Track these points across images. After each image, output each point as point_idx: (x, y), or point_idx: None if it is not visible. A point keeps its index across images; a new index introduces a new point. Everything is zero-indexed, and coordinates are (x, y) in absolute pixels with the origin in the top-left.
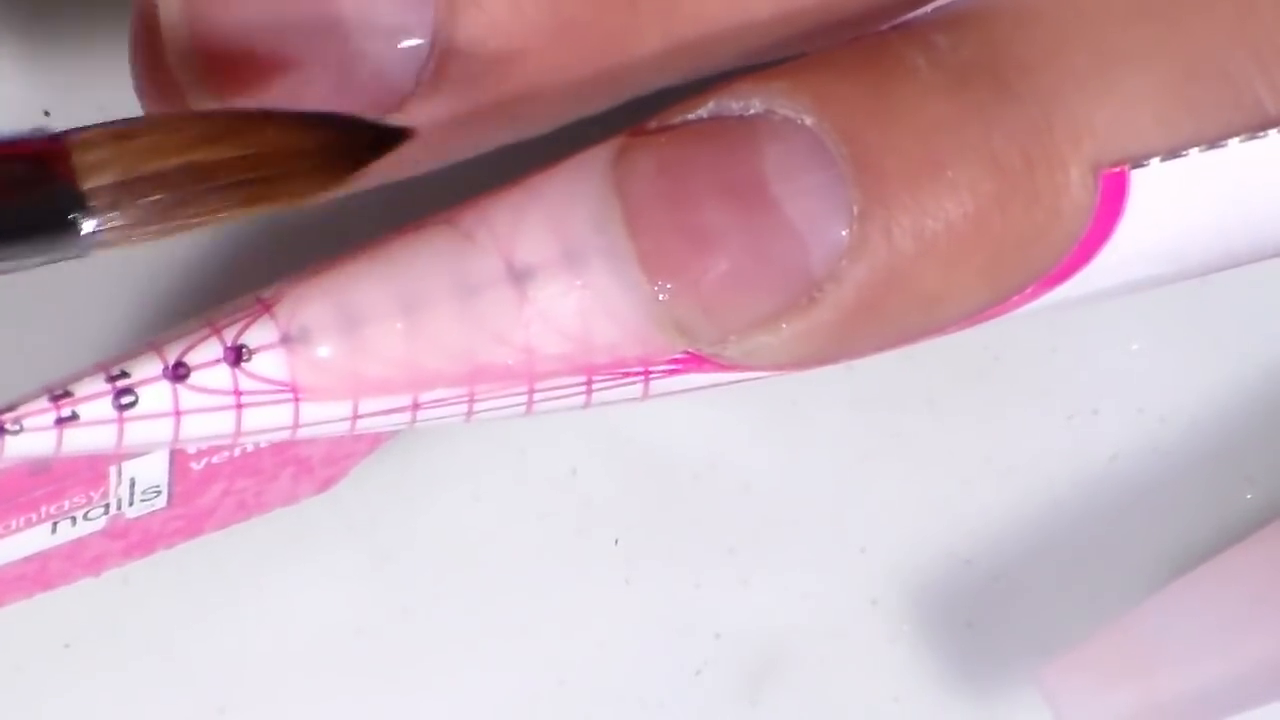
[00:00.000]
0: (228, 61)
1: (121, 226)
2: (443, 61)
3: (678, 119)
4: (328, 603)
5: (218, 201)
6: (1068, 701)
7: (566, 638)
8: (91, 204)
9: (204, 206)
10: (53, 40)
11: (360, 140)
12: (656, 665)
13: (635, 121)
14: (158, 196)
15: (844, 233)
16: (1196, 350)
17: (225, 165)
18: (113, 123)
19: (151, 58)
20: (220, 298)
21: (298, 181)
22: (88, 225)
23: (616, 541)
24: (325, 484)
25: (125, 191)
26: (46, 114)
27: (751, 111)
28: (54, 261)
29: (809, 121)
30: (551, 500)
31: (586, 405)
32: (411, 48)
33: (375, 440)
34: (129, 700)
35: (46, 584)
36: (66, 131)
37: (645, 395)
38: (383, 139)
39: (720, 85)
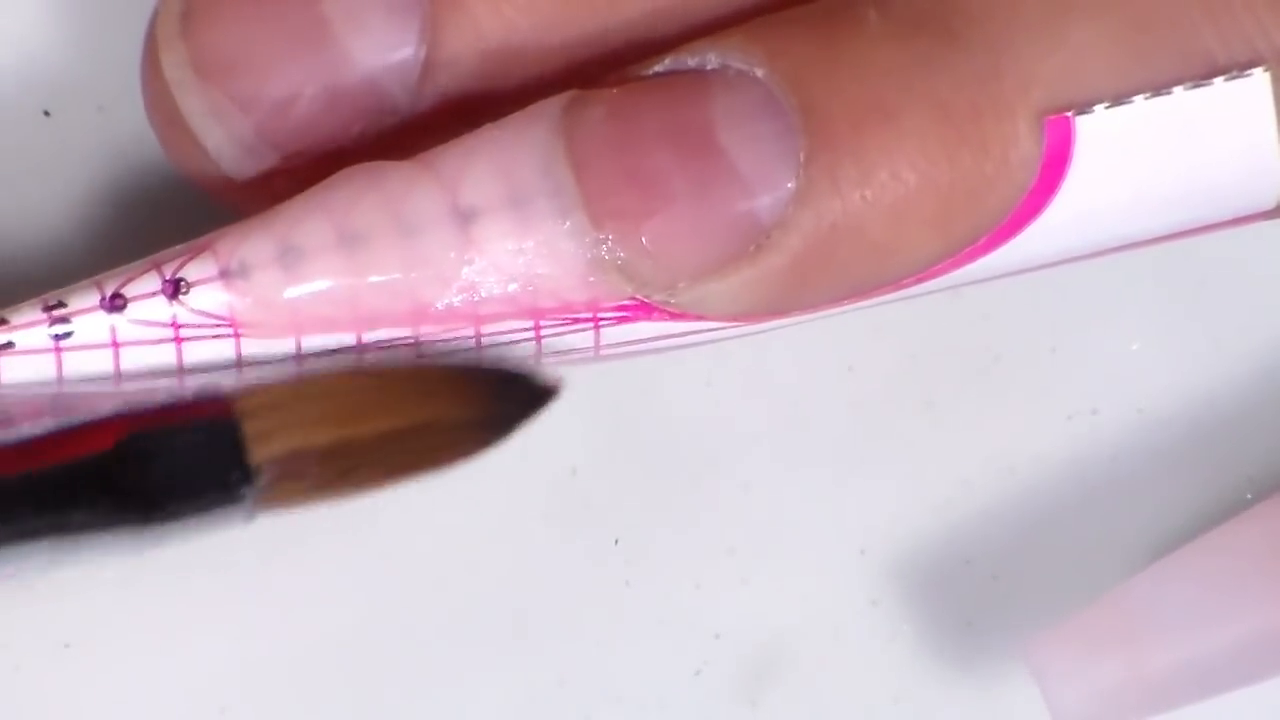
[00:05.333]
0: (222, 72)
1: (282, 497)
2: (431, 67)
3: (634, 74)
4: (328, 603)
5: (379, 473)
6: (1054, 675)
7: (566, 638)
8: (259, 478)
9: (366, 477)
10: (53, 40)
11: (515, 401)
12: (656, 665)
13: None
14: (323, 471)
15: (791, 180)
16: (1196, 350)
17: (389, 438)
18: (280, 383)
19: (154, 76)
20: None
21: (458, 449)
22: (253, 496)
23: (616, 541)
24: None
25: (291, 464)
26: (46, 114)
27: (708, 66)
28: (210, 530)
29: (760, 73)
30: (551, 500)
31: (538, 355)
32: (401, 56)
33: None
34: (129, 700)
35: None
36: (236, 394)
37: (597, 346)
38: (536, 397)
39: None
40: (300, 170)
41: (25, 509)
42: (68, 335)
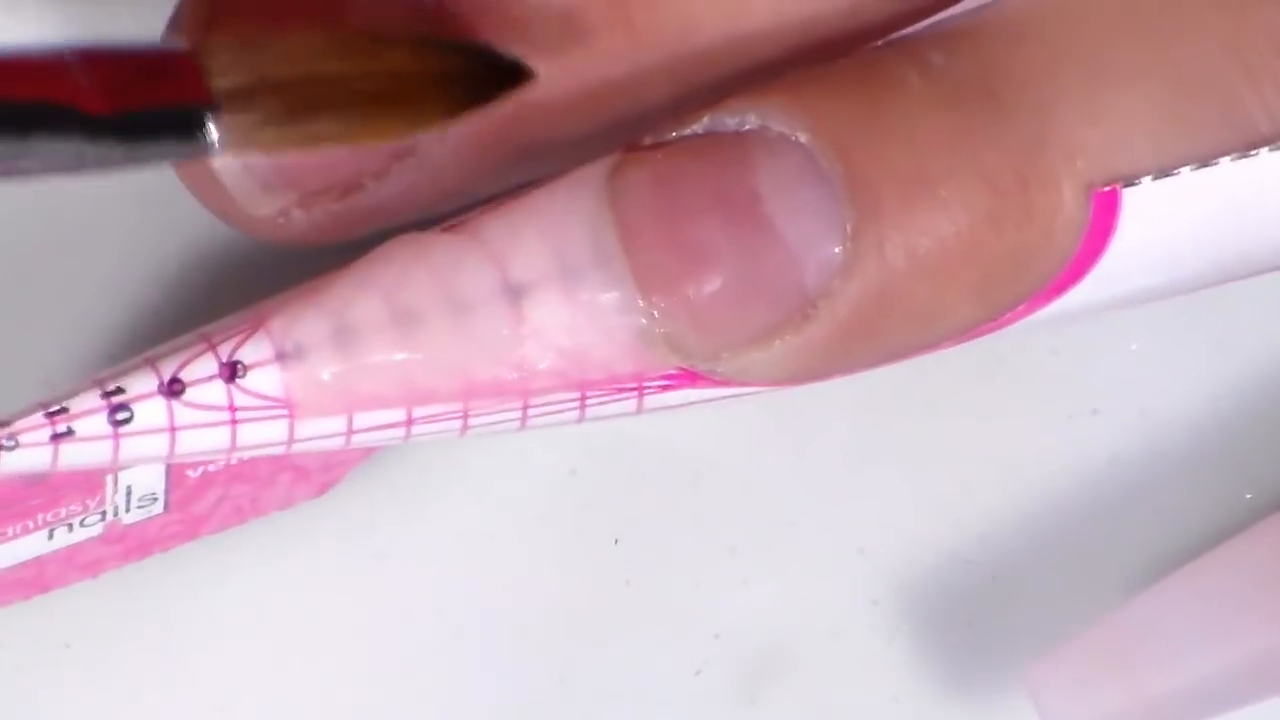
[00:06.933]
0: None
1: (245, 129)
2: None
3: (673, 134)
4: (328, 603)
5: (340, 113)
6: (1052, 698)
7: (566, 638)
8: (218, 105)
9: (327, 116)
10: (54, 35)
11: (487, 74)
12: (656, 665)
13: None
14: (282, 100)
15: (837, 250)
16: (1196, 351)
17: (352, 79)
18: (242, 31)
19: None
20: (214, 306)
21: (421, 105)
22: (214, 129)
23: (616, 541)
24: (321, 489)
25: (251, 94)
26: None
27: (746, 127)
28: (177, 158)
29: (803, 138)
30: (551, 500)
31: (580, 420)
32: None
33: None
34: (129, 700)
35: (43, 587)
36: (197, 33)
37: (639, 410)
38: (508, 76)
39: (715, 101)
40: (318, 204)
41: None
42: (127, 421)
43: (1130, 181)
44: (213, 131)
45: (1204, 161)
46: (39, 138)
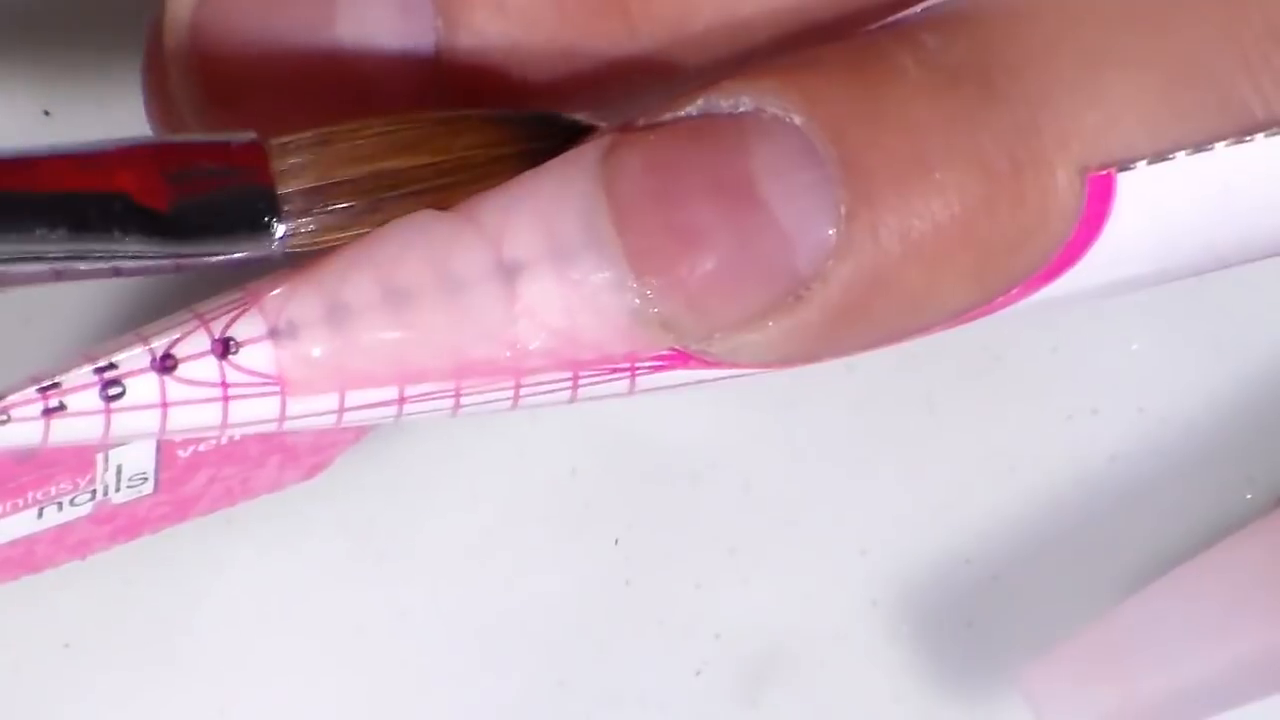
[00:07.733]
0: (229, 80)
1: (313, 230)
2: (441, 85)
3: (667, 116)
4: (327, 603)
5: (408, 206)
6: (1047, 700)
7: (566, 638)
8: (286, 207)
9: (394, 211)
10: (52, 40)
11: (551, 143)
12: (656, 665)
13: None
14: (350, 203)
15: (831, 232)
16: (1196, 350)
17: (418, 172)
18: (312, 130)
19: (157, 74)
20: (207, 291)
21: (485, 185)
22: (280, 228)
23: (616, 541)
24: (311, 471)
25: (319, 196)
26: (47, 113)
27: (740, 109)
28: (245, 263)
29: (797, 120)
30: (551, 500)
31: (573, 400)
32: (410, 67)
33: (361, 429)
34: (129, 700)
35: (33, 567)
36: (266, 136)
37: (631, 391)
38: (569, 137)
39: (709, 83)
40: None
41: (58, 225)
42: (119, 396)
43: (1125, 166)
44: (279, 230)
45: (1199, 146)
46: (93, 233)
